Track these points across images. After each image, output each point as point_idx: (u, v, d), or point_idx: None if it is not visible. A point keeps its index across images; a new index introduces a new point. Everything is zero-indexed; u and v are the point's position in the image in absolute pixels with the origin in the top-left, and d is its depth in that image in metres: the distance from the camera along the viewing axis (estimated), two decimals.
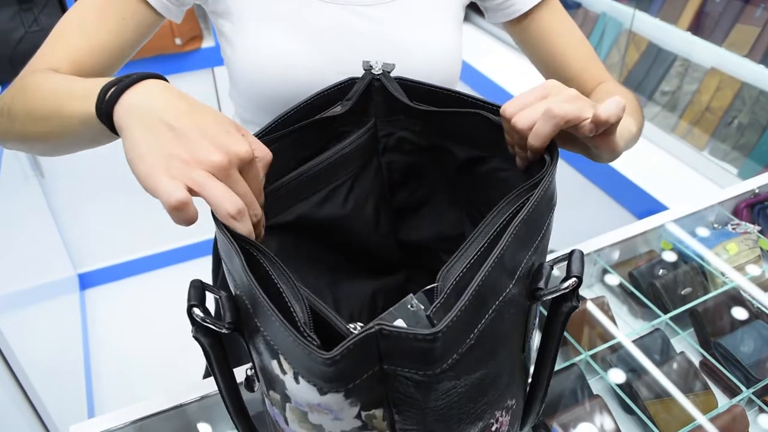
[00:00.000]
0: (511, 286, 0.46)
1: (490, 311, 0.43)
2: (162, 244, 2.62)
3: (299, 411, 0.44)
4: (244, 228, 0.49)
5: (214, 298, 0.52)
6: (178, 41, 2.14)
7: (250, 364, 0.52)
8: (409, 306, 0.45)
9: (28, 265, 1.87)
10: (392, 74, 0.70)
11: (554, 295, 0.48)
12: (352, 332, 0.41)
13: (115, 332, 2.42)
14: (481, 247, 0.46)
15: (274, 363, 0.44)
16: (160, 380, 2.15)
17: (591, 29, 2.22)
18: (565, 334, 0.92)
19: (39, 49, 0.74)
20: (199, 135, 0.48)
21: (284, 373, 0.43)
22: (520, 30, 0.91)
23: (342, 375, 0.39)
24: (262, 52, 0.80)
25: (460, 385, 0.42)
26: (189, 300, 0.47)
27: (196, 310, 0.46)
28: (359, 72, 0.71)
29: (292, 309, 0.44)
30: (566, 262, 0.50)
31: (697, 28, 1.89)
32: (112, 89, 0.53)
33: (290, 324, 0.40)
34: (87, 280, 2.57)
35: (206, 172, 0.47)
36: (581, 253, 0.50)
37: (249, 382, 0.53)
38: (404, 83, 0.69)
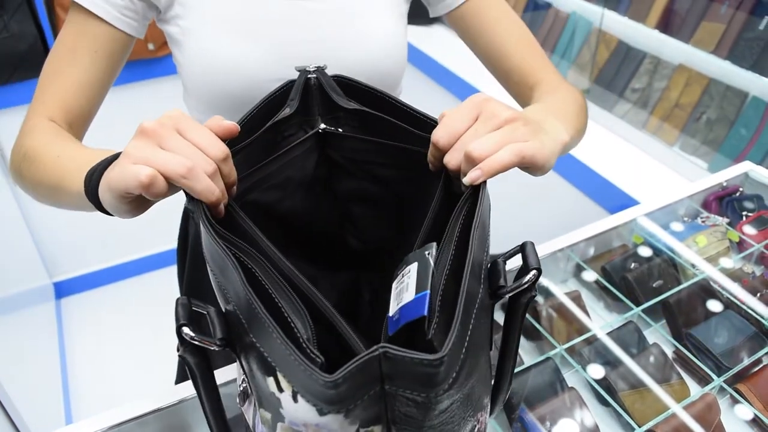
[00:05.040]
0: (481, 290, 0.46)
1: (472, 321, 0.43)
2: (137, 251, 2.60)
3: (293, 430, 0.43)
4: (199, 185, 0.50)
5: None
6: (150, 47, 2.13)
7: (242, 377, 0.50)
8: (426, 253, 0.45)
9: (1, 274, 1.85)
10: (342, 72, 0.70)
11: (517, 291, 0.48)
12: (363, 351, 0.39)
13: (91, 340, 2.39)
14: (450, 258, 0.46)
15: (270, 380, 0.43)
16: (137, 386, 2.13)
17: (561, 29, 2.24)
18: (540, 328, 0.93)
19: (34, 95, 0.81)
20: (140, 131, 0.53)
21: (281, 390, 0.42)
22: (461, 22, 0.92)
23: (343, 397, 0.38)
24: (209, 52, 0.81)
25: (456, 401, 0.42)
26: (178, 319, 0.45)
27: (186, 329, 0.45)
28: (303, 64, 0.71)
29: (292, 325, 0.42)
30: (520, 255, 0.50)
31: (664, 26, 1.92)
32: (94, 175, 0.59)
33: (292, 341, 0.39)
34: (62, 289, 2.54)
35: (151, 145, 0.51)
36: (533, 244, 0.50)
37: (245, 395, 0.51)
38: (342, 80, 0.69)
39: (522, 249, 0.50)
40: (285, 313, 0.44)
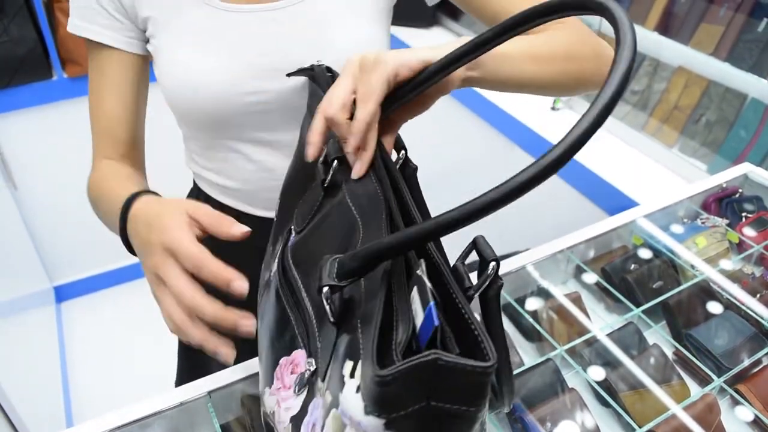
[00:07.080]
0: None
1: None
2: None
3: (340, 421, 0.43)
4: (196, 335, 0.55)
5: None
6: None
7: (309, 364, 0.52)
8: (418, 272, 0.45)
9: (1, 278, 1.85)
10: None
11: (484, 287, 0.47)
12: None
13: (91, 343, 2.39)
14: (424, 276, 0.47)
15: (349, 364, 0.43)
16: (137, 389, 2.13)
17: None
18: (540, 329, 0.94)
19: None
20: (154, 241, 0.58)
21: (352, 377, 0.42)
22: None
23: (388, 399, 0.38)
24: (176, 70, 0.81)
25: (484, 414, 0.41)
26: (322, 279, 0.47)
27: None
28: (272, 75, 0.74)
29: (395, 326, 0.43)
30: (474, 251, 0.50)
31: (664, 28, 1.92)
32: (119, 222, 0.67)
33: (386, 341, 0.40)
34: (63, 293, 2.54)
35: (156, 278, 0.58)
36: (483, 237, 0.49)
37: (301, 379, 0.52)
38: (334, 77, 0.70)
39: (475, 245, 0.49)
40: (395, 314, 0.44)
